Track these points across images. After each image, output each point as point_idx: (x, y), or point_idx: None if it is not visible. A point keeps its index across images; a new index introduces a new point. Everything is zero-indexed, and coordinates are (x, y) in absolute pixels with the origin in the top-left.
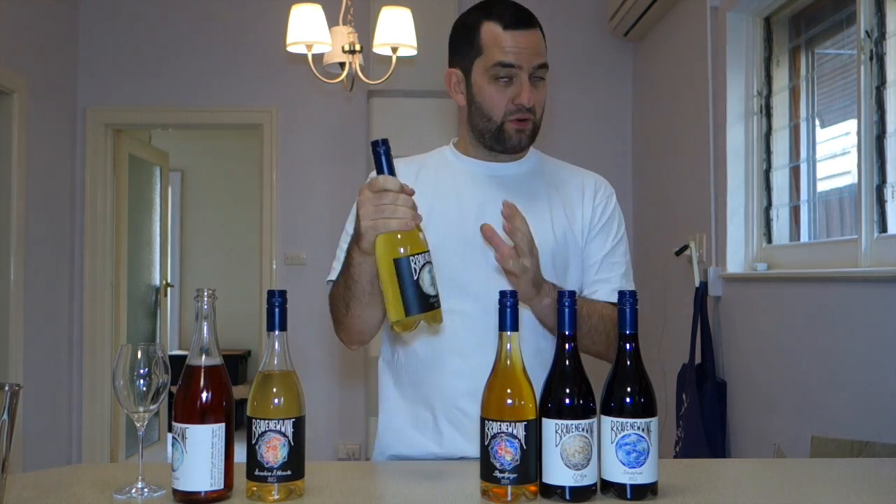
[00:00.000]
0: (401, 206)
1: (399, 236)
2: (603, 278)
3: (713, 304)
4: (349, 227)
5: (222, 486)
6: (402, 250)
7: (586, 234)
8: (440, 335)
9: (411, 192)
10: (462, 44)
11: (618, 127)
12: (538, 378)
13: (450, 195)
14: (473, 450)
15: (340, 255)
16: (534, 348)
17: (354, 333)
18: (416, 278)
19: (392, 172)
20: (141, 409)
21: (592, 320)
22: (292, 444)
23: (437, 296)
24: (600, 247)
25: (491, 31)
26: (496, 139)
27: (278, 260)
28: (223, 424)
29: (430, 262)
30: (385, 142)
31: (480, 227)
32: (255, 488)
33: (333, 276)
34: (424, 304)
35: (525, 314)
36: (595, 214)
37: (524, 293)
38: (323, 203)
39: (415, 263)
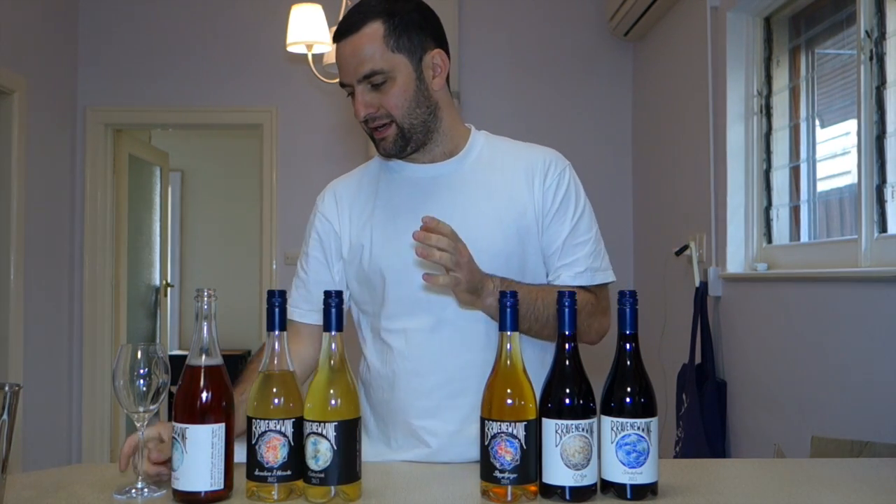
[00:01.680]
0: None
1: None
2: (566, 262)
3: (713, 304)
4: (309, 249)
5: (222, 486)
6: (307, 406)
7: (541, 221)
8: (395, 355)
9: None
10: None
11: (618, 127)
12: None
13: (390, 209)
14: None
15: (301, 283)
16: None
17: None
18: (302, 443)
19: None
20: (141, 409)
21: (536, 306)
22: (292, 444)
23: (318, 473)
24: (559, 231)
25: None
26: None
27: (278, 260)
28: (223, 424)
29: (321, 436)
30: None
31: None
32: (255, 488)
33: (294, 313)
34: (304, 474)
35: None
36: (547, 199)
37: (462, 301)
38: None
39: (305, 427)
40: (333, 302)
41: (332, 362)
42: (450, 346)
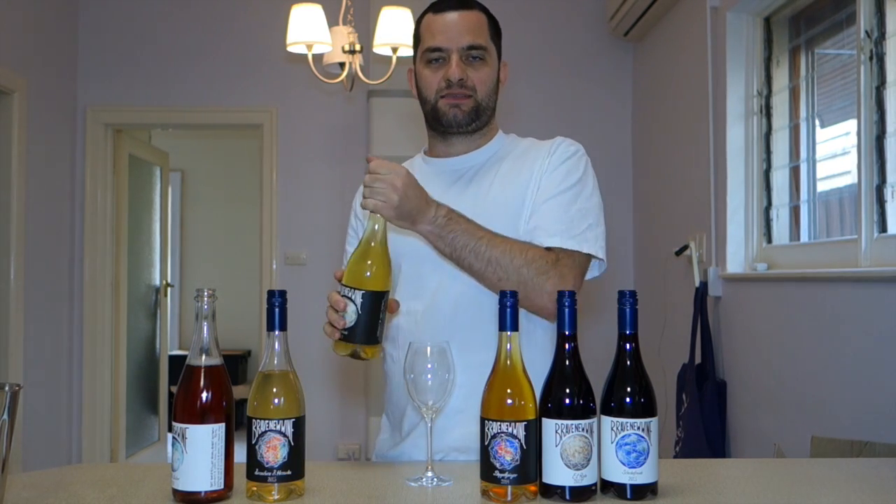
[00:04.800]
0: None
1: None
2: (538, 226)
3: (713, 304)
4: (346, 245)
5: (222, 486)
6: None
7: (537, 188)
8: (406, 336)
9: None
10: (413, 38)
11: (618, 127)
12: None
13: None
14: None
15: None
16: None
17: None
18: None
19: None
20: None
21: (479, 242)
22: (292, 444)
23: (343, 331)
24: (544, 192)
25: (426, 20)
26: (434, 118)
27: (278, 260)
28: (223, 424)
29: (350, 300)
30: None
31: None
32: (255, 488)
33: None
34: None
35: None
36: (547, 168)
37: (398, 226)
38: (323, 203)
39: (341, 290)
40: None
41: (372, 243)
42: (447, 333)
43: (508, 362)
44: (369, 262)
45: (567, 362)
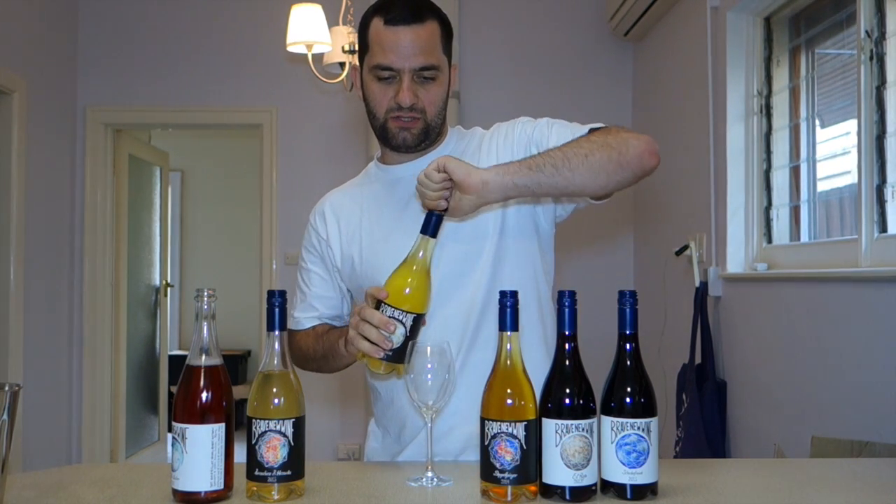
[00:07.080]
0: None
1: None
2: (569, 141)
3: (713, 304)
4: (308, 264)
5: (222, 486)
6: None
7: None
8: None
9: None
10: (359, 39)
11: None
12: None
13: (375, 214)
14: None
15: (303, 296)
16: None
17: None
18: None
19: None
20: None
21: (552, 155)
22: (292, 444)
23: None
24: (541, 138)
25: (376, 27)
26: (383, 137)
27: (278, 260)
28: (223, 424)
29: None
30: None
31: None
32: (255, 488)
33: (301, 322)
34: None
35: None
36: (519, 143)
37: (478, 195)
38: None
39: (385, 311)
40: None
41: (420, 264)
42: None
43: (508, 362)
44: (418, 284)
45: (567, 362)
